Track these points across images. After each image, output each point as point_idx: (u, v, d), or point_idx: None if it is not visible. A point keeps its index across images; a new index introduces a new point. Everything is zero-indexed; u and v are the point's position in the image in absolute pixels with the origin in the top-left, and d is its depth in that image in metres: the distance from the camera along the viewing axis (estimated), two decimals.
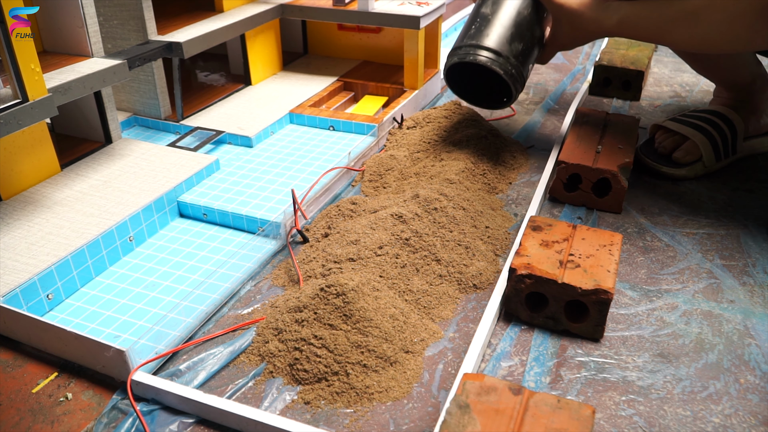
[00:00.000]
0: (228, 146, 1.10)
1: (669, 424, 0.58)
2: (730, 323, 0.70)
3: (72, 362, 0.66)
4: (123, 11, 1.08)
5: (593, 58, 1.55)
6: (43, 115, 0.82)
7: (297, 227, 0.83)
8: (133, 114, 1.19)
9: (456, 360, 0.66)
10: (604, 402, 0.61)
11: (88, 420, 0.59)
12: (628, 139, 0.96)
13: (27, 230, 0.80)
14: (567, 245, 0.71)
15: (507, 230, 0.85)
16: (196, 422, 0.59)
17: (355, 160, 1.02)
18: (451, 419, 0.50)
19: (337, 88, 1.30)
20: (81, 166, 0.95)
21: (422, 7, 1.22)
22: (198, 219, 0.92)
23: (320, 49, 1.46)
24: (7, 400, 0.62)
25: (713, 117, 1.00)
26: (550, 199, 0.94)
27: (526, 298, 0.69)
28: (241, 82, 1.31)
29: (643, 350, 0.67)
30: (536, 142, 1.12)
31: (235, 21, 1.18)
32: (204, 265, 0.82)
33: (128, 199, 0.87)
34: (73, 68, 0.91)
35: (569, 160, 0.90)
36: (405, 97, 1.22)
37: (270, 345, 0.66)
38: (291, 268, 0.79)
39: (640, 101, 1.29)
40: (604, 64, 1.30)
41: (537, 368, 0.65)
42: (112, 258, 0.82)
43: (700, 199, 0.93)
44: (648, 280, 0.77)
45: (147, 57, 1.03)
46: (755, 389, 0.62)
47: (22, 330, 0.67)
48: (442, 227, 0.79)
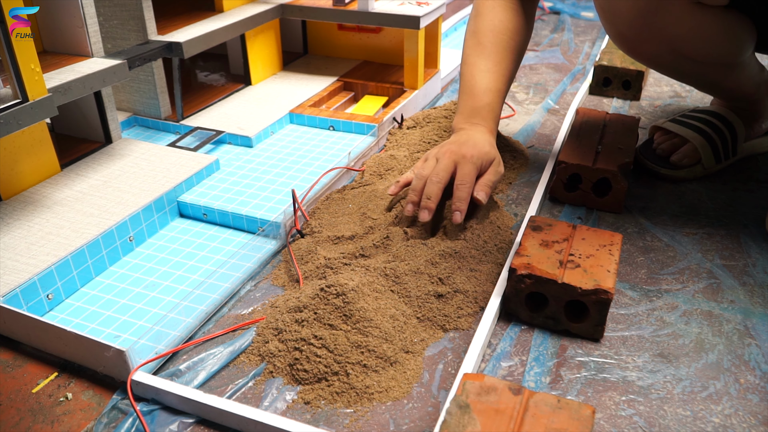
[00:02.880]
0: (228, 146, 1.10)
1: (669, 424, 0.58)
2: (730, 323, 0.70)
3: (72, 362, 0.66)
4: (123, 11, 1.08)
5: (593, 58, 1.55)
6: (43, 115, 0.82)
7: (297, 227, 0.83)
8: (133, 114, 1.19)
9: (456, 360, 0.66)
10: (604, 402, 0.61)
11: (88, 420, 0.59)
12: (628, 139, 0.96)
13: (27, 230, 0.80)
14: (567, 245, 0.71)
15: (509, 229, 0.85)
16: (196, 422, 0.59)
17: (355, 160, 1.02)
18: (451, 419, 0.50)
19: (337, 88, 1.30)
20: (81, 166, 0.95)
21: (422, 7, 1.22)
22: (198, 219, 0.92)
23: (320, 49, 1.46)
24: (7, 400, 0.62)
25: (713, 119, 1.00)
26: (550, 199, 0.94)
27: (526, 298, 0.69)
28: (241, 82, 1.31)
29: (643, 350, 0.67)
30: (536, 142, 1.12)
31: (235, 21, 1.18)
32: (204, 265, 0.82)
33: (128, 199, 0.87)
34: (73, 68, 0.91)
35: (569, 160, 0.90)
36: (405, 97, 1.22)
37: (270, 345, 0.66)
38: (291, 267, 0.79)
39: (640, 101, 1.29)
40: (604, 64, 1.30)
41: (537, 368, 0.65)
42: (112, 258, 0.82)
43: (700, 199, 0.93)
44: (648, 280, 0.77)
45: (147, 57, 1.03)
46: (755, 389, 0.62)
47: (22, 330, 0.67)
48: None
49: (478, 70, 0.89)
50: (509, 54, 0.91)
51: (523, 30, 0.93)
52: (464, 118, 0.88)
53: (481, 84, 0.88)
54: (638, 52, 0.93)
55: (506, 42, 0.91)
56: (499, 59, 0.90)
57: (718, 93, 1.03)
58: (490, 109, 0.88)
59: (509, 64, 0.91)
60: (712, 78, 0.97)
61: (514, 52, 0.92)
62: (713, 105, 1.05)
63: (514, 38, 0.91)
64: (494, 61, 0.89)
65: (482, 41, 0.91)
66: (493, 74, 0.89)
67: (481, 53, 0.90)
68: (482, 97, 0.88)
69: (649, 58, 0.95)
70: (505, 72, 0.90)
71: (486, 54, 0.90)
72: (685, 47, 0.87)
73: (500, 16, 0.92)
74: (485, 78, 0.89)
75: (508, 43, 0.91)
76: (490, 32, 0.91)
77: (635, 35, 0.87)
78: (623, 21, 0.86)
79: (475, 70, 0.90)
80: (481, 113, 0.87)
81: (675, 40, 0.86)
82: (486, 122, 0.87)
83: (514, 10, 0.92)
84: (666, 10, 0.83)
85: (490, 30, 0.91)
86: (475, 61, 0.90)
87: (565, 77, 1.43)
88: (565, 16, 1.90)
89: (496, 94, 0.89)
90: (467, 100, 0.88)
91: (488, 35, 0.91)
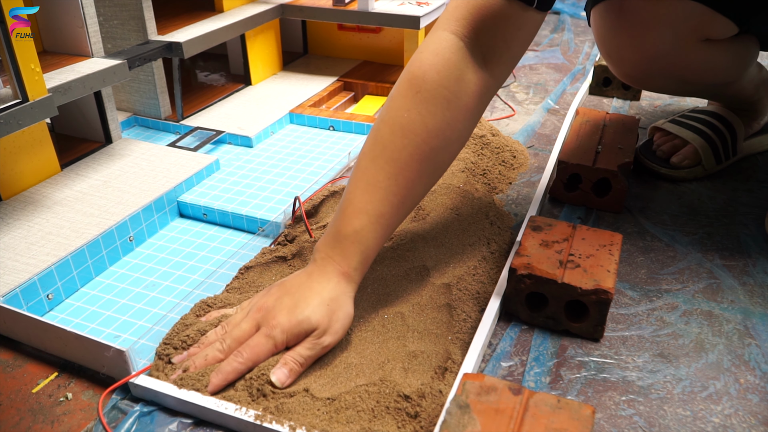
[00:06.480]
0: (228, 146, 1.10)
1: (669, 424, 0.58)
2: (730, 323, 0.70)
3: (72, 362, 0.66)
4: (123, 11, 1.08)
5: (593, 58, 1.55)
6: (43, 115, 0.82)
7: (312, 236, 0.80)
8: (133, 114, 1.19)
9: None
10: (604, 402, 0.61)
11: (88, 420, 0.59)
12: (628, 139, 0.96)
13: (27, 230, 0.80)
14: (567, 245, 0.71)
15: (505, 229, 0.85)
16: (195, 422, 0.59)
17: (356, 160, 1.02)
18: (451, 419, 0.50)
19: (337, 88, 1.30)
20: (81, 166, 0.95)
21: (422, 7, 1.22)
22: (198, 219, 0.92)
23: (320, 49, 1.46)
24: (7, 400, 0.62)
25: (713, 119, 1.00)
26: (550, 199, 0.94)
27: (526, 298, 0.69)
28: (241, 82, 1.31)
29: (643, 350, 0.67)
30: (536, 142, 1.12)
31: (235, 21, 1.19)
32: (204, 265, 0.82)
33: (128, 199, 0.87)
34: (73, 68, 0.91)
35: (569, 160, 0.90)
36: None
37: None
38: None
39: (640, 101, 1.29)
40: (604, 64, 1.30)
41: (537, 368, 0.65)
42: (112, 258, 0.82)
43: (700, 199, 0.93)
44: (648, 280, 0.77)
45: (147, 57, 1.03)
46: (755, 389, 0.62)
47: (22, 330, 0.67)
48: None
49: (363, 181, 0.64)
50: (417, 164, 0.64)
51: (451, 131, 0.65)
52: (324, 243, 0.64)
53: (359, 202, 0.63)
54: (643, 86, 0.93)
55: (416, 146, 0.63)
56: (395, 171, 0.63)
57: (718, 100, 1.03)
58: (358, 240, 0.63)
59: (412, 179, 0.64)
60: (715, 91, 0.98)
61: (427, 160, 0.64)
62: (712, 105, 1.05)
63: (430, 142, 0.64)
64: (387, 173, 0.63)
65: (382, 140, 0.64)
66: (380, 191, 0.63)
67: (376, 157, 0.64)
68: (352, 220, 0.63)
69: (653, 90, 0.96)
70: (399, 190, 0.63)
71: (381, 160, 0.64)
72: (692, 78, 0.87)
73: (419, 108, 0.63)
74: (366, 193, 0.63)
75: (418, 148, 0.63)
76: (399, 129, 0.64)
77: (642, 75, 0.86)
78: (631, 65, 0.85)
79: (359, 178, 0.64)
80: (343, 245, 0.63)
81: (683, 74, 0.85)
82: (345, 261, 0.63)
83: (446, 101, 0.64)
84: (675, 53, 0.82)
85: (399, 126, 0.64)
86: (365, 166, 0.64)
87: (565, 77, 1.43)
88: (565, 16, 1.90)
89: (375, 220, 0.63)
90: (335, 220, 0.65)
91: (393, 134, 0.64)
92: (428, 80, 0.64)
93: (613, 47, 0.84)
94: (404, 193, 0.64)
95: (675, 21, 0.78)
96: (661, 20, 0.78)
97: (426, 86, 0.64)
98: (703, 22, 0.79)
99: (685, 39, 0.80)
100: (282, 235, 0.82)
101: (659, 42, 0.80)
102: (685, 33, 0.79)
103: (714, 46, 0.83)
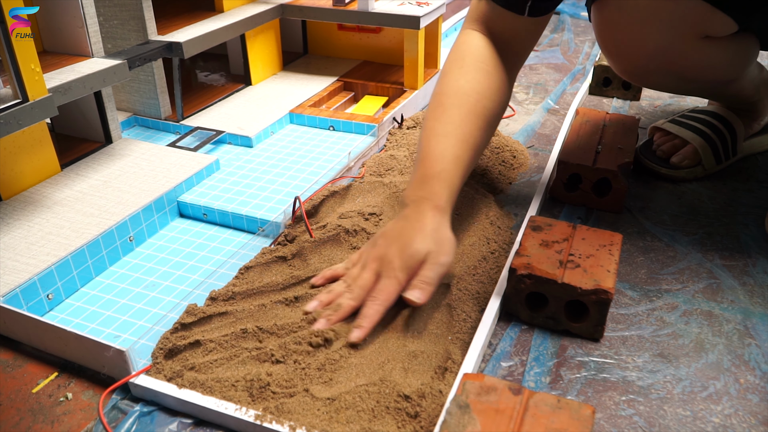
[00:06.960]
0: (228, 146, 1.10)
1: (669, 424, 0.58)
2: (730, 323, 0.70)
3: (72, 362, 0.66)
4: (123, 11, 1.08)
5: (593, 58, 1.55)
6: (43, 115, 0.82)
7: (312, 235, 0.80)
8: (133, 114, 1.19)
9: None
10: (604, 402, 0.61)
11: (88, 420, 0.59)
12: (628, 139, 0.96)
13: (27, 230, 0.80)
14: (567, 245, 0.71)
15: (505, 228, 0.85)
16: (195, 422, 0.59)
17: (355, 160, 1.02)
18: (451, 419, 0.50)
19: (337, 88, 1.30)
20: (81, 166, 0.95)
21: (422, 7, 1.22)
22: (198, 219, 0.92)
23: (320, 49, 1.46)
24: (7, 400, 0.62)
25: (713, 119, 1.00)
26: (550, 199, 0.94)
27: (526, 298, 0.69)
28: (241, 82, 1.31)
29: (643, 350, 0.67)
30: (536, 142, 1.12)
31: (235, 21, 1.19)
32: (204, 265, 0.82)
33: (128, 199, 0.87)
34: (73, 68, 0.91)
35: (569, 160, 0.90)
36: (405, 97, 1.22)
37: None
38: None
39: (640, 101, 1.29)
40: (604, 64, 1.30)
41: (537, 368, 0.65)
42: (112, 258, 0.82)
43: (700, 199, 0.93)
44: (648, 280, 0.77)
45: (147, 57, 1.03)
46: (755, 389, 0.62)
47: (22, 330, 0.67)
48: None
49: (434, 134, 0.76)
50: (474, 118, 0.77)
51: (496, 95, 0.80)
52: (413, 188, 0.74)
53: (436, 149, 0.74)
54: (641, 82, 0.93)
55: (471, 105, 0.77)
56: (459, 122, 0.76)
57: (718, 99, 1.03)
58: (443, 178, 0.73)
59: (473, 129, 0.77)
60: (715, 90, 0.98)
61: (481, 116, 0.78)
62: (712, 105, 1.05)
63: (481, 101, 0.78)
64: (454, 124, 0.76)
65: (443, 102, 0.78)
66: (451, 138, 0.75)
67: (440, 116, 0.77)
68: (435, 164, 0.73)
69: (652, 87, 0.96)
70: (466, 137, 0.76)
71: (446, 116, 0.77)
72: (692, 75, 0.87)
73: (467, 77, 0.80)
74: (441, 142, 0.75)
75: (474, 106, 0.77)
76: (454, 94, 0.79)
77: (641, 71, 0.87)
78: (630, 61, 0.85)
79: (431, 133, 0.76)
80: (430, 183, 0.72)
81: (682, 71, 0.86)
82: (436, 196, 0.72)
83: (486, 72, 0.80)
84: (674, 50, 0.82)
85: (454, 91, 0.79)
86: (433, 125, 0.77)
87: (565, 77, 1.43)
88: (565, 16, 1.90)
89: (453, 160, 0.74)
90: (418, 168, 0.75)
91: (451, 97, 0.78)
92: (467, 59, 0.81)
93: (612, 42, 0.85)
94: (470, 140, 0.76)
95: (674, 17, 0.78)
96: (660, 16, 0.78)
97: (467, 62, 0.81)
98: (702, 18, 0.79)
99: (684, 35, 0.80)
100: (282, 235, 0.82)
101: (658, 38, 0.80)
102: (684, 29, 0.80)
103: (713, 44, 0.83)
